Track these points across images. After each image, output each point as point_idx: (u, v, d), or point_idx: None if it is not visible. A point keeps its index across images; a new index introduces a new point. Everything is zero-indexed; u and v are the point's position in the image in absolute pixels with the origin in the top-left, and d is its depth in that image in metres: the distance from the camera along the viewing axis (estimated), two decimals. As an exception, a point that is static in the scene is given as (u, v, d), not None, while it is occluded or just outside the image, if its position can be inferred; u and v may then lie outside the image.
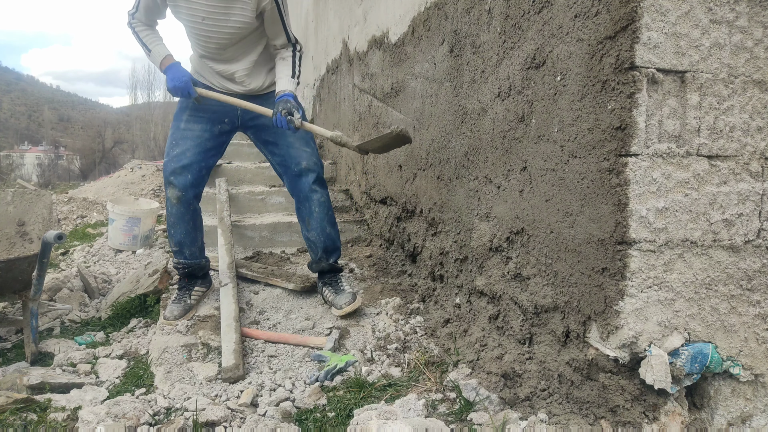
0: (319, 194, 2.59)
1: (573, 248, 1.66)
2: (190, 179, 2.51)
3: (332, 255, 2.66)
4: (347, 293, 2.54)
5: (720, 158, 1.53)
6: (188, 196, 2.53)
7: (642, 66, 1.43)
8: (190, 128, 2.55)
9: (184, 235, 2.60)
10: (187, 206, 2.55)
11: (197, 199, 2.60)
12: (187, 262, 2.66)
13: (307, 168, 2.57)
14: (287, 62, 2.53)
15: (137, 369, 2.28)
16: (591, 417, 1.61)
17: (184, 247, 2.63)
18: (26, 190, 3.17)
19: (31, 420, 1.79)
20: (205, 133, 2.56)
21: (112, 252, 4.24)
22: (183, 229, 2.59)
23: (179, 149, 2.52)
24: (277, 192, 4.14)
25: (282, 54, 2.57)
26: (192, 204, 2.56)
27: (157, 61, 2.52)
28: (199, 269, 2.70)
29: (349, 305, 2.46)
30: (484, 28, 2.16)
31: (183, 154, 2.51)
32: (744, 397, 1.62)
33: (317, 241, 2.62)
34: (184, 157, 2.51)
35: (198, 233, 2.65)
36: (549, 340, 1.81)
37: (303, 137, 2.59)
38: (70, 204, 7.22)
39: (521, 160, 1.91)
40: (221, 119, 2.59)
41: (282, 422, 1.82)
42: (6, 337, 2.72)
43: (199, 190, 2.58)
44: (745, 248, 1.57)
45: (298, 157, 2.57)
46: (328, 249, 2.64)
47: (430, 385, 1.99)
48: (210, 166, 2.61)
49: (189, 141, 2.52)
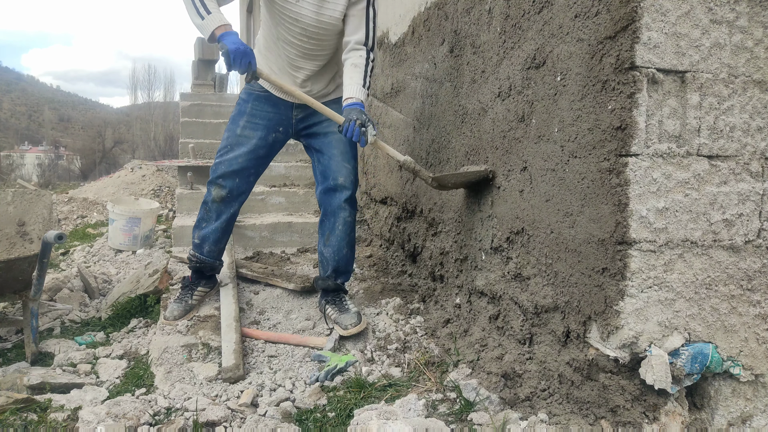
0: (347, 213, 2.54)
1: (573, 248, 1.66)
2: (238, 183, 2.53)
3: (341, 276, 2.60)
4: (352, 313, 2.47)
5: (720, 158, 1.53)
6: (233, 199, 2.55)
7: (642, 66, 1.43)
8: (246, 135, 2.53)
9: (212, 231, 2.59)
10: (229, 207, 2.56)
11: (240, 205, 2.61)
12: (203, 258, 2.64)
13: (342, 185, 2.52)
14: (359, 69, 2.36)
15: (137, 369, 2.28)
16: (591, 417, 1.61)
17: (206, 243, 2.61)
18: (26, 190, 3.17)
19: (31, 420, 1.79)
20: (260, 141, 2.53)
21: (113, 252, 4.24)
22: (214, 226, 2.58)
23: (233, 154, 2.52)
24: (278, 192, 4.14)
25: (354, 58, 2.38)
26: (233, 206, 2.57)
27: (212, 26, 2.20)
28: (210, 269, 2.70)
29: (354, 327, 2.39)
30: (485, 28, 2.16)
31: (235, 159, 2.51)
32: (744, 397, 1.62)
33: (331, 258, 2.57)
34: (236, 163, 2.51)
35: (224, 236, 2.64)
36: (549, 340, 1.81)
37: (348, 152, 2.55)
38: (70, 204, 7.23)
39: (521, 160, 1.91)
40: (277, 127, 2.57)
41: (282, 422, 1.82)
42: (6, 337, 2.72)
43: (245, 196, 2.60)
44: (746, 248, 1.57)
45: (337, 171, 2.52)
46: (339, 270, 2.58)
47: (430, 385, 1.99)
48: (260, 173, 2.62)
49: (243, 147, 2.52)
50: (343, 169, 2.52)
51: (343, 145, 2.53)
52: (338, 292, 2.60)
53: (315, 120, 2.57)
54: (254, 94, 2.56)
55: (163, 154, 27.09)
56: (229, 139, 2.55)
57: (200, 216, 2.62)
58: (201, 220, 2.61)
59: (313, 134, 2.60)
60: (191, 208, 4.05)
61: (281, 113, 2.56)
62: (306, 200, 4.19)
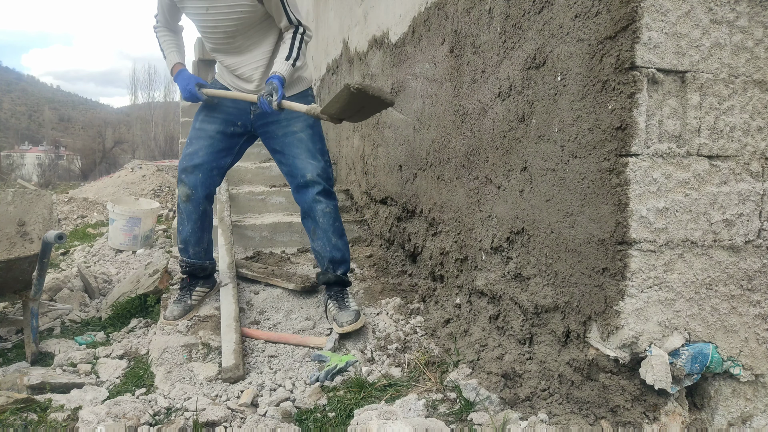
0: (324, 204, 2.55)
1: (573, 248, 1.66)
2: (201, 178, 2.54)
3: (339, 266, 2.59)
4: (351, 310, 2.47)
5: (720, 158, 1.53)
6: (198, 195, 2.56)
7: (642, 66, 1.43)
8: (203, 128, 2.58)
9: (190, 233, 2.62)
10: (197, 205, 2.57)
11: (208, 200, 2.61)
12: (190, 261, 2.67)
13: (311, 180, 2.53)
14: (285, 44, 2.48)
15: (137, 369, 2.28)
16: (591, 417, 1.61)
17: (189, 246, 2.64)
18: (27, 190, 3.17)
19: (31, 420, 1.80)
20: (217, 134, 2.58)
21: (113, 252, 4.24)
22: (189, 227, 2.61)
23: (192, 148, 2.57)
24: (278, 192, 4.14)
25: (284, 37, 2.52)
26: (202, 204, 2.58)
27: (169, 69, 2.61)
28: (201, 270, 2.70)
29: (350, 324, 2.39)
30: (485, 28, 2.16)
31: (195, 154, 2.55)
32: (744, 397, 1.62)
33: (323, 251, 2.58)
34: (196, 157, 2.55)
35: (204, 234, 2.66)
36: (549, 340, 1.81)
37: (310, 149, 2.57)
38: (70, 204, 7.23)
39: (521, 160, 1.91)
40: (234, 121, 2.61)
41: (282, 422, 1.82)
42: (6, 337, 2.72)
43: (209, 190, 2.60)
44: (746, 248, 1.57)
45: (303, 168, 2.54)
46: (334, 260, 2.58)
47: (430, 385, 1.99)
48: (222, 166, 2.62)
49: (202, 141, 2.56)
50: (308, 166, 2.54)
51: (303, 143, 2.56)
52: (340, 285, 2.59)
53: (272, 118, 2.58)
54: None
55: (163, 154, 27.09)
56: (190, 135, 2.62)
57: (178, 220, 2.66)
58: (179, 224, 2.65)
59: (271, 134, 2.62)
60: (191, 208, 4.04)
61: (240, 107, 2.59)
62: (306, 200, 4.18)
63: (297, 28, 2.51)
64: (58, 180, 23.13)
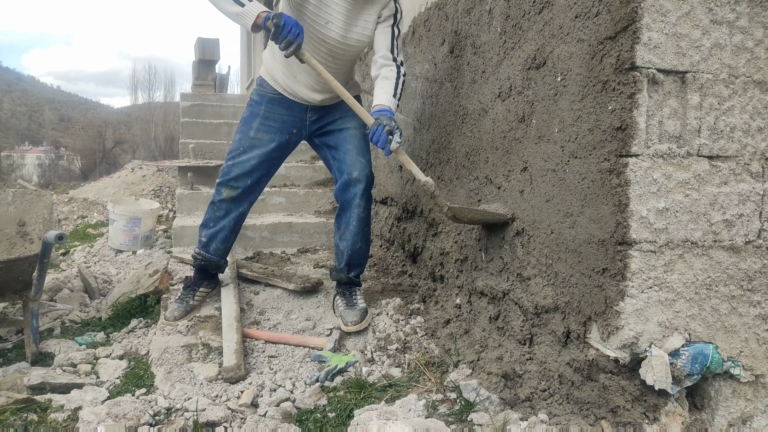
0: (362, 209, 2.55)
1: (573, 249, 1.66)
2: (250, 184, 2.55)
3: (354, 269, 2.63)
4: (358, 309, 2.50)
5: (720, 159, 1.53)
6: (243, 199, 2.57)
7: (642, 66, 1.43)
8: (259, 138, 2.54)
9: (219, 230, 2.60)
10: (238, 207, 2.58)
11: (249, 205, 2.62)
12: (208, 256, 2.64)
13: (357, 178, 2.52)
14: (390, 81, 2.37)
15: (138, 369, 2.28)
16: (591, 417, 1.61)
17: (213, 242, 2.62)
18: (27, 190, 3.17)
19: (31, 420, 1.80)
20: (272, 143, 2.55)
21: (113, 252, 4.24)
22: (221, 224, 2.60)
23: (246, 156, 2.53)
24: (278, 192, 4.14)
25: (385, 72, 2.40)
26: (244, 206, 2.59)
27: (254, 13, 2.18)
28: (215, 267, 2.70)
29: (354, 325, 2.43)
30: (485, 29, 2.16)
31: (248, 162, 2.52)
32: (744, 397, 1.62)
33: (345, 252, 2.58)
34: (249, 165, 2.52)
35: (232, 235, 2.66)
36: (549, 340, 1.81)
37: (362, 146, 2.56)
38: (70, 204, 7.23)
39: (522, 160, 1.91)
40: (291, 129, 2.58)
41: (282, 422, 1.82)
42: (6, 337, 2.72)
43: (255, 196, 2.62)
44: (746, 249, 1.57)
45: (352, 165, 2.52)
46: (352, 263, 2.61)
47: (430, 386, 1.99)
48: (271, 175, 2.64)
49: (257, 150, 2.53)
50: (357, 163, 2.52)
51: (357, 140, 2.55)
52: (350, 285, 2.63)
53: (329, 119, 2.59)
54: (267, 96, 2.57)
55: (163, 155, 27.09)
56: (242, 141, 2.55)
57: (208, 215, 2.63)
58: (209, 219, 2.63)
59: (328, 132, 2.62)
60: (191, 209, 4.05)
61: (295, 115, 2.57)
62: (306, 201, 4.19)
63: (399, 68, 2.42)
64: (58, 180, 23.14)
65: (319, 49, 2.39)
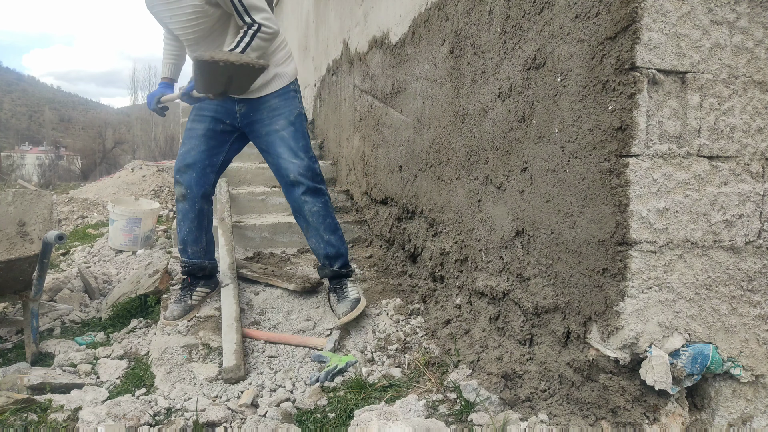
0: (310, 204, 2.57)
1: (573, 249, 1.66)
2: (195, 177, 2.56)
3: (335, 261, 2.64)
4: (348, 300, 2.51)
5: (721, 159, 1.53)
6: (193, 194, 2.58)
7: (642, 67, 1.43)
8: (194, 128, 2.60)
9: (187, 233, 2.63)
10: (192, 204, 2.58)
11: (205, 199, 2.62)
12: (189, 261, 2.67)
13: (294, 180, 2.55)
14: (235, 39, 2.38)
15: (138, 369, 2.28)
16: (591, 418, 1.61)
17: (187, 245, 2.65)
18: (27, 190, 3.17)
19: (31, 420, 1.80)
20: (207, 131, 2.59)
21: (113, 252, 4.24)
22: (186, 226, 2.62)
23: (185, 148, 2.59)
24: (278, 192, 4.14)
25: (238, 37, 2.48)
26: (198, 203, 2.59)
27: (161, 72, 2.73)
28: (200, 270, 2.70)
29: (346, 315, 2.45)
30: (485, 29, 2.16)
31: (188, 153, 2.58)
32: (745, 398, 1.62)
33: (317, 248, 2.65)
34: (189, 156, 2.57)
35: (202, 234, 2.67)
36: (549, 340, 1.81)
37: (292, 147, 2.56)
38: (70, 204, 7.23)
39: (522, 160, 1.91)
40: (224, 119, 2.61)
41: (282, 423, 1.82)
42: (6, 337, 2.72)
43: (205, 188, 2.61)
44: (746, 249, 1.57)
45: (287, 168, 2.55)
46: (329, 255, 2.63)
47: (430, 386, 1.99)
48: (215, 164, 2.63)
49: (193, 140, 2.58)
50: (291, 165, 2.55)
51: (286, 141, 2.56)
52: (339, 277, 2.65)
53: (256, 117, 2.59)
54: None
55: (163, 155, 27.09)
56: (184, 135, 2.64)
57: (176, 220, 2.67)
58: (177, 224, 2.66)
59: (256, 133, 2.63)
60: (192, 209, 4.04)
61: (226, 106, 2.59)
62: (306, 201, 4.18)
63: (251, 26, 2.40)
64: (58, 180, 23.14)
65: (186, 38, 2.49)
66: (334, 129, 4.90)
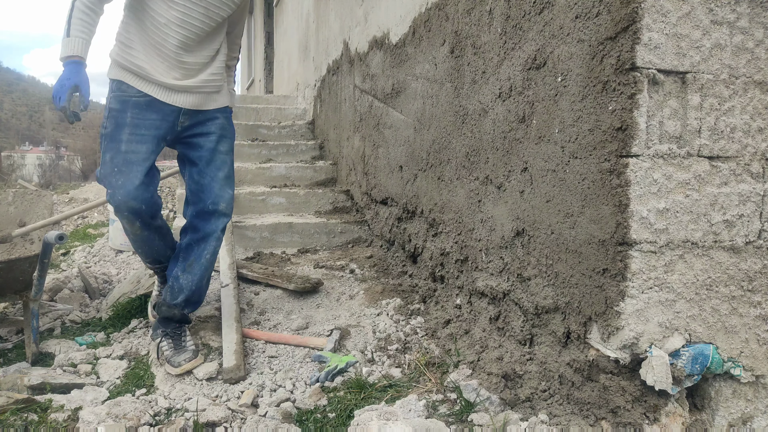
0: (219, 242, 2.32)
1: (574, 249, 1.66)
2: (145, 209, 2.16)
3: (190, 306, 2.35)
4: (188, 350, 2.22)
5: (721, 159, 1.53)
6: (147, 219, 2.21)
7: (643, 67, 1.43)
8: (133, 150, 2.13)
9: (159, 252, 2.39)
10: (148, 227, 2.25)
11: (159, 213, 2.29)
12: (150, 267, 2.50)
13: (223, 212, 2.30)
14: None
15: (138, 369, 2.28)
16: (592, 418, 1.61)
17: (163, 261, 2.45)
18: (27, 190, 3.17)
19: (31, 420, 1.80)
20: (151, 154, 2.19)
21: (113, 252, 4.25)
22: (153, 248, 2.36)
23: (124, 178, 2.11)
24: (278, 192, 4.14)
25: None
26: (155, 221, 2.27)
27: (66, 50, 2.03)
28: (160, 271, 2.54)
29: (188, 362, 2.16)
30: (485, 29, 2.16)
31: (131, 183, 2.10)
32: (745, 398, 1.62)
33: (186, 287, 2.27)
34: (132, 187, 2.10)
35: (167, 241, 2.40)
36: (550, 341, 1.81)
37: (230, 176, 2.35)
38: (71, 204, 7.23)
39: (522, 160, 1.91)
40: (164, 136, 2.24)
41: (282, 423, 1.82)
42: (7, 337, 2.73)
43: (155, 208, 2.23)
44: (746, 249, 1.57)
45: (218, 196, 2.29)
46: (191, 300, 2.31)
47: (430, 386, 1.99)
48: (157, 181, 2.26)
49: (135, 166, 2.12)
50: (225, 195, 2.31)
51: (227, 167, 2.33)
52: (181, 323, 2.35)
53: (199, 130, 2.31)
54: (131, 101, 2.17)
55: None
56: (115, 160, 2.11)
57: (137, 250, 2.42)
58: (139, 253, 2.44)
59: (193, 144, 2.32)
60: (192, 209, 4.04)
61: (167, 120, 2.22)
62: (306, 201, 4.19)
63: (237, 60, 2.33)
64: (58, 180, 23.15)
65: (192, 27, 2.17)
66: (334, 129, 4.90)
